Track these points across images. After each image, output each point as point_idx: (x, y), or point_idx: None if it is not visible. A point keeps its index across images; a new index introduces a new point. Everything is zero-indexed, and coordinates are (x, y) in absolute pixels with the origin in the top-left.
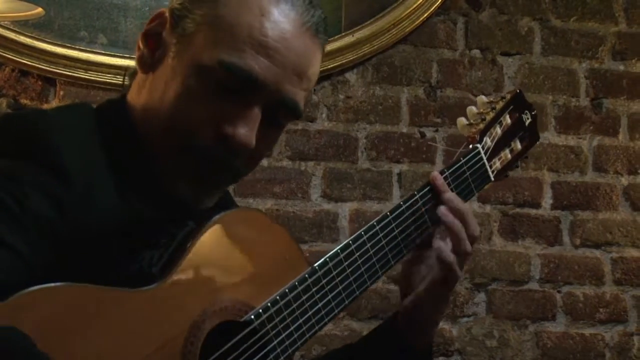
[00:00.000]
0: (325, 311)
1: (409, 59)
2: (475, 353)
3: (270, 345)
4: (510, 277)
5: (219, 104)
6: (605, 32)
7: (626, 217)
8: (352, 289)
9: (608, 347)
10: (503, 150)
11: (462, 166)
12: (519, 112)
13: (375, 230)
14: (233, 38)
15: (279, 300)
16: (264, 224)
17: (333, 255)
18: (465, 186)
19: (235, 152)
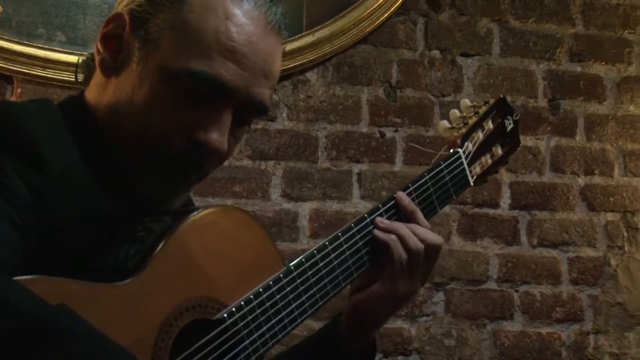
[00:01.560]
0: (299, 311)
1: (369, 59)
2: (433, 352)
3: (242, 345)
4: (469, 277)
5: (189, 111)
6: (562, 34)
7: (582, 217)
8: (326, 290)
9: (564, 346)
10: (484, 155)
11: (442, 170)
12: (501, 117)
13: (352, 232)
14: (200, 44)
15: (253, 299)
16: (241, 222)
17: (309, 255)
18: (445, 190)
19: (209, 157)
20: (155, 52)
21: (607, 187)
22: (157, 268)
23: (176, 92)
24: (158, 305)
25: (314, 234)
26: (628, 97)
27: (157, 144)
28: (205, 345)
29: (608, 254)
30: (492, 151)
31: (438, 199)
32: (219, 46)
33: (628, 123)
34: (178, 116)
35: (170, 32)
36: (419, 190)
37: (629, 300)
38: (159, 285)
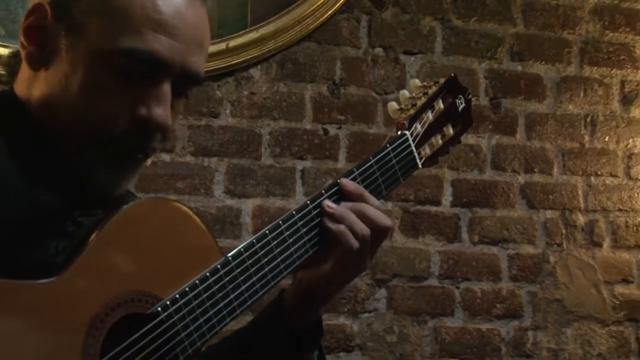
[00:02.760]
0: (238, 302)
1: (312, 56)
2: (375, 348)
3: (178, 338)
4: (411, 273)
5: (128, 90)
6: (504, 34)
7: (522, 214)
8: (267, 280)
9: (504, 342)
10: (434, 136)
11: (388, 153)
12: (452, 97)
13: (294, 219)
14: (128, 22)
15: (189, 291)
16: (176, 214)
17: (248, 245)
18: (392, 173)
19: (153, 133)
20: (84, 37)
21: (547, 185)
22: (87, 263)
23: (112, 73)
24: (88, 301)
25: (257, 231)
26: (567, 96)
27: (99, 129)
28: (140, 339)
29: (547, 251)
30: (443, 131)
31: (384, 183)
32: (148, 21)
33: (567, 122)
34: (117, 97)
35: (96, 15)
36: (364, 175)
37: (567, 297)
38: (88, 280)
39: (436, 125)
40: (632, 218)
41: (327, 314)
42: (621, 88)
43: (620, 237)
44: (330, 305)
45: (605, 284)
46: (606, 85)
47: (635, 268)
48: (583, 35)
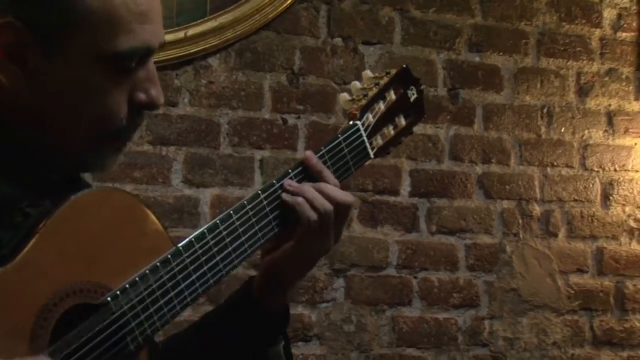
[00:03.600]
0: (189, 292)
1: (271, 46)
2: (333, 338)
3: (128, 327)
4: (369, 263)
5: (124, 82)
6: (462, 24)
7: (480, 204)
8: (218, 269)
9: (460, 331)
10: (386, 127)
11: (340, 143)
12: (404, 88)
13: (245, 210)
14: (116, 23)
15: (139, 281)
16: (125, 204)
17: (199, 235)
18: (343, 163)
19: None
20: (73, 49)
21: (504, 176)
22: (34, 253)
23: (108, 75)
24: (35, 292)
25: None
26: (524, 87)
27: (104, 126)
28: (88, 328)
29: (503, 241)
30: (395, 122)
31: (336, 172)
32: (132, 16)
33: (524, 113)
34: (117, 93)
35: (78, 26)
36: None
37: (522, 286)
38: (35, 271)
39: (388, 115)
40: (587, 208)
41: None
42: (577, 79)
43: (576, 228)
44: (295, 288)
45: (561, 273)
46: (562, 76)
47: (589, 258)
48: (540, 27)
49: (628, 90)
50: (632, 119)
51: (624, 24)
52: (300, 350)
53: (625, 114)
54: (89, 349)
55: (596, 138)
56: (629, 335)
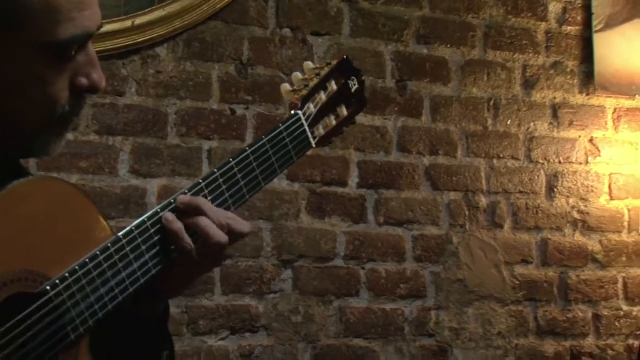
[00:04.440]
0: (130, 281)
1: (220, 36)
2: (280, 329)
3: (68, 316)
4: (317, 254)
5: (66, 68)
6: (410, 16)
7: (427, 196)
8: (159, 259)
9: (407, 321)
10: (327, 117)
11: (281, 132)
12: (345, 78)
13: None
14: (56, 14)
15: (78, 269)
16: (63, 192)
17: (139, 223)
18: (285, 152)
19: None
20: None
21: (451, 167)
22: None
23: (49, 63)
24: None
25: None
26: (471, 79)
27: (46, 113)
28: (27, 317)
29: (450, 232)
30: (337, 112)
31: (278, 162)
32: (71, 4)
33: (471, 105)
34: (58, 80)
35: (18, 19)
36: (256, 153)
37: (468, 277)
38: None
39: (329, 105)
40: (532, 200)
41: (232, 295)
42: (523, 72)
43: (521, 219)
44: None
45: (506, 264)
46: (509, 69)
47: (534, 249)
48: (487, 20)
49: (572, 84)
50: (576, 111)
51: (569, 17)
52: (248, 341)
53: (570, 107)
54: (27, 338)
55: (541, 130)
56: (572, 325)
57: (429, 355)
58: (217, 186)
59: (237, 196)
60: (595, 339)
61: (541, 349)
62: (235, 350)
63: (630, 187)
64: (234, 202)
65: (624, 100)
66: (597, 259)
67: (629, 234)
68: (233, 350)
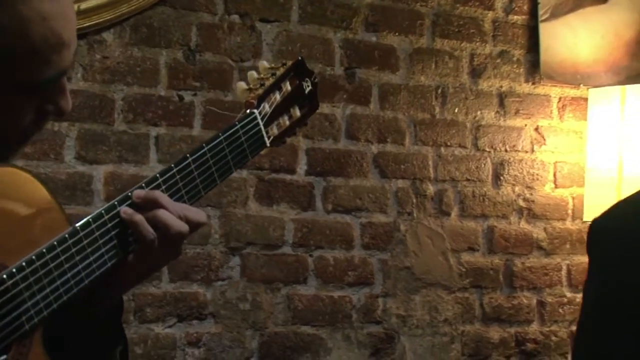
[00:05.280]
0: (86, 273)
1: (167, 21)
2: (228, 316)
3: (24, 306)
4: (265, 242)
5: (36, 98)
6: (359, 4)
7: (375, 183)
8: (115, 252)
9: (355, 309)
10: (282, 117)
11: (237, 131)
12: (299, 80)
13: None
14: (35, 58)
15: (35, 260)
16: (20, 181)
17: (96, 216)
18: (241, 151)
19: None
20: None
21: (399, 155)
22: None
23: (22, 96)
24: None
25: (108, 198)
26: (419, 67)
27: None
28: None
29: (398, 220)
30: (291, 113)
31: (233, 160)
32: (51, 49)
33: (419, 93)
34: (24, 110)
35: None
36: (213, 151)
37: (416, 264)
38: None
39: (283, 106)
40: (479, 188)
41: (180, 282)
42: (470, 61)
43: (467, 207)
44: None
45: (453, 251)
46: (456, 57)
47: (480, 236)
48: (435, 8)
49: (519, 73)
50: (522, 100)
51: (516, 7)
52: (195, 328)
53: (516, 96)
54: None
55: (488, 119)
56: (517, 312)
57: (376, 342)
58: (175, 182)
59: (193, 192)
60: (539, 326)
61: (487, 335)
62: (183, 338)
63: (575, 175)
64: (189, 197)
65: (569, 89)
66: (542, 247)
67: (573, 221)
68: (180, 338)
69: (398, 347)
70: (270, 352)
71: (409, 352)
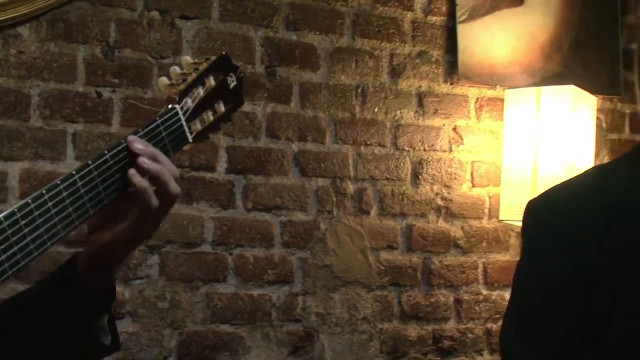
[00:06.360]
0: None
1: (85, 17)
2: (146, 315)
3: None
4: (184, 240)
5: None
6: (279, 3)
7: (295, 182)
8: (42, 240)
9: (274, 307)
10: (205, 112)
11: (158, 126)
12: (223, 75)
13: (59, 189)
14: None
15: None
16: None
17: (22, 205)
18: (161, 147)
19: None
20: None
21: (319, 154)
22: None
23: None
24: None
25: (24, 195)
26: (340, 67)
27: None
28: None
29: (318, 218)
30: (215, 108)
31: None
32: None
33: (339, 92)
34: None
35: None
36: None
37: (335, 263)
38: None
39: (207, 101)
40: (398, 187)
41: None
42: (390, 61)
43: (387, 205)
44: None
45: (372, 250)
46: (376, 57)
47: (399, 235)
48: (355, 8)
49: (438, 73)
50: (440, 100)
51: (434, 7)
52: None
53: (435, 96)
54: None
55: (407, 118)
56: (434, 310)
57: (295, 340)
58: (92, 178)
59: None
60: (456, 323)
61: (405, 333)
62: None
63: (492, 175)
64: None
65: (486, 90)
66: (459, 245)
67: (490, 220)
68: None
69: (317, 345)
70: (189, 351)
71: (327, 350)
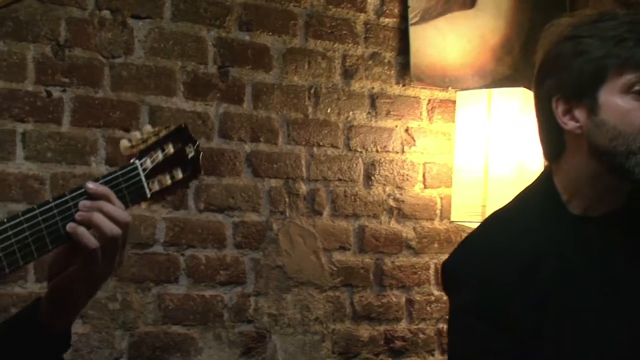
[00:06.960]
0: None
1: (35, 15)
2: (97, 316)
3: None
4: (136, 241)
5: None
6: (232, 3)
7: (248, 182)
8: None
9: (227, 308)
10: (163, 175)
11: (118, 177)
12: (182, 144)
13: (19, 220)
14: None
15: None
16: None
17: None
18: (120, 197)
19: None
20: None
21: (272, 154)
22: None
23: None
24: None
25: None
26: (293, 67)
27: None
28: None
29: (270, 219)
30: (173, 173)
31: None
32: None
33: (292, 93)
34: None
35: None
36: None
37: (288, 263)
38: None
39: (166, 165)
40: (350, 188)
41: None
42: (343, 62)
43: (339, 206)
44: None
45: (324, 251)
46: (329, 58)
47: (352, 236)
48: (308, 9)
49: (390, 74)
50: (393, 102)
51: (387, 9)
52: None
53: (387, 97)
54: None
55: (360, 120)
56: (386, 310)
57: (247, 341)
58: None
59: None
60: (408, 324)
61: (357, 333)
62: None
63: (443, 176)
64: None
65: (437, 92)
66: (411, 246)
67: (441, 221)
68: None
69: (269, 346)
70: (140, 353)
71: (280, 351)
